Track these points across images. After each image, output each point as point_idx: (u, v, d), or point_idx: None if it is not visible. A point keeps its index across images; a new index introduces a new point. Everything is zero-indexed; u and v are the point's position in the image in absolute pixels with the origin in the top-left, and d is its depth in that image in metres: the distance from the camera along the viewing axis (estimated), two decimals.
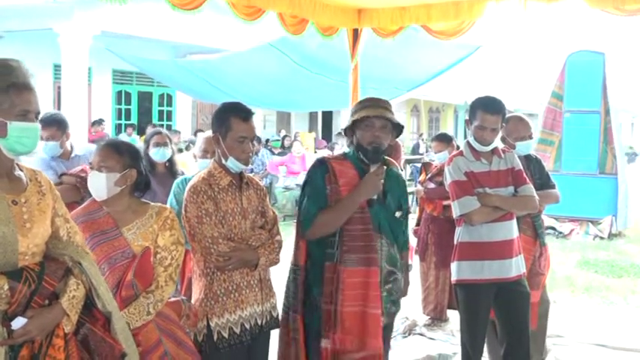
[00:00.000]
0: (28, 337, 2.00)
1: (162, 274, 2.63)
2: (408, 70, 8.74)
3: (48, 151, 4.07)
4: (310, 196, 3.04)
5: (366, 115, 3.01)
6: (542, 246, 4.17)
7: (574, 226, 10.33)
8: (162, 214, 2.70)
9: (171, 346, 2.64)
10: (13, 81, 2.02)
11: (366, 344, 2.95)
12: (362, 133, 3.04)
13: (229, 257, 2.82)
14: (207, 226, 2.80)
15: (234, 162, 2.91)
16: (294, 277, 3.10)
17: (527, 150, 4.23)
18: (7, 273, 1.97)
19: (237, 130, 2.90)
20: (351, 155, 3.13)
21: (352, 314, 2.95)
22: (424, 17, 5.31)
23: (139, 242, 2.60)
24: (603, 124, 10.74)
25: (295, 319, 3.06)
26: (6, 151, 2.03)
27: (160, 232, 2.65)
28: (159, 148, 4.41)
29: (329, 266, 2.99)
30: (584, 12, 4.81)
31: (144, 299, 2.57)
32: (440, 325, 5.55)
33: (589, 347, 5.17)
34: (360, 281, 2.97)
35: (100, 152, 2.72)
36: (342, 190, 3.02)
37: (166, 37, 13.29)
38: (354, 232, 3.01)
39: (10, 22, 11.80)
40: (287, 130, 20.61)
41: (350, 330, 2.94)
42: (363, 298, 2.96)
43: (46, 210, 2.12)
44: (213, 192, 2.87)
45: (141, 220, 2.66)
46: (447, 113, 29.95)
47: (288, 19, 5.06)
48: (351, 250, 2.99)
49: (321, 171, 3.07)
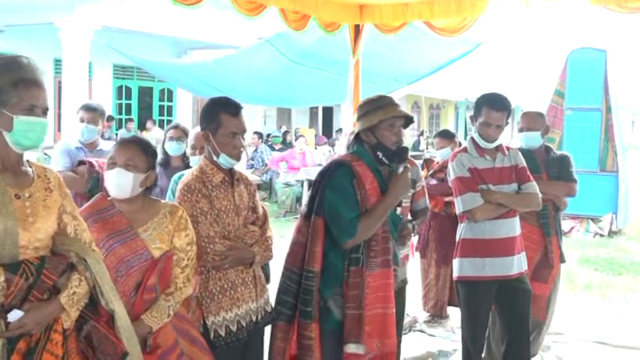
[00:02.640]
0: (23, 330, 2.01)
1: (180, 276, 2.62)
2: (409, 65, 8.72)
3: (86, 133, 4.32)
4: (344, 203, 2.94)
5: (392, 115, 3.02)
6: (546, 237, 4.17)
7: (574, 224, 10.32)
8: (176, 214, 2.66)
9: (186, 344, 2.64)
10: (21, 76, 2.05)
11: (385, 344, 2.96)
12: (384, 133, 3.01)
13: (225, 256, 2.79)
14: (202, 225, 2.77)
15: (226, 158, 2.87)
16: (308, 283, 2.99)
17: (529, 142, 4.23)
18: (5, 265, 1.98)
19: (227, 125, 2.85)
20: (364, 156, 3.07)
21: (375, 317, 2.95)
22: (426, 14, 5.30)
23: (156, 244, 2.56)
24: (604, 121, 10.72)
25: (308, 327, 2.98)
26: (12, 145, 2.07)
27: (176, 233, 2.62)
28: (173, 142, 4.46)
29: (355, 271, 2.95)
30: (585, 9, 4.80)
31: (164, 302, 2.55)
32: (440, 322, 5.56)
33: (589, 345, 5.17)
34: (382, 283, 2.97)
35: (127, 150, 2.64)
36: (370, 195, 2.98)
37: (167, 32, 13.27)
38: (378, 236, 2.99)
39: (11, 16, 11.79)
40: (288, 126, 20.58)
41: (371, 333, 2.93)
42: (383, 300, 2.97)
43: (52, 206, 2.14)
44: (207, 190, 2.83)
45: (155, 220, 2.62)
46: (447, 110, 29.92)
47: (290, 14, 5.05)
48: (376, 254, 2.98)
49: (347, 175, 2.99)
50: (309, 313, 2.99)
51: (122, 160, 2.61)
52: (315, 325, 2.98)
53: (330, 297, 2.99)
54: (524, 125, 4.24)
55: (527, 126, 4.22)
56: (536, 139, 4.24)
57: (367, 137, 3.06)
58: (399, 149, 3.02)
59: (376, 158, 3.04)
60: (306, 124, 22.41)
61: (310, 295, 2.98)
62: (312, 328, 2.98)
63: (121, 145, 2.70)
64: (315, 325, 2.98)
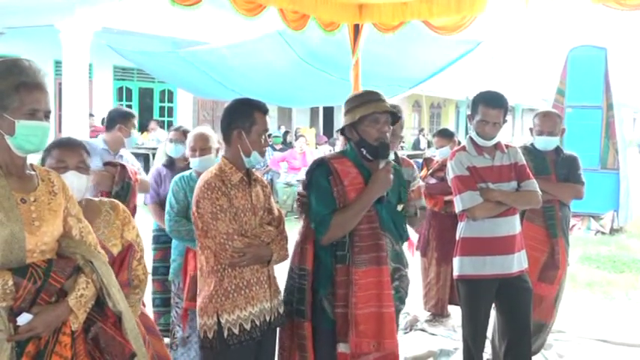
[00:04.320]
0: (33, 333, 2.02)
1: (139, 268, 2.62)
2: (410, 67, 8.70)
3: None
4: (319, 200, 2.97)
5: (374, 111, 2.99)
6: (552, 238, 4.16)
7: (576, 222, 10.31)
8: (119, 209, 2.65)
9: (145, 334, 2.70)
10: (23, 80, 2.05)
11: (383, 345, 2.94)
12: (367, 129, 2.99)
13: (244, 253, 2.80)
14: (222, 222, 2.78)
15: (257, 156, 2.91)
16: (301, 282, 3.01)
17: (546, 145, 4.22)
18: (12, 269, 2.00)
19: (261, 124, 2.90)
20: (349, 153, 3.08)
21: (367, 316, 2.92)
22: (425, 12, 5.30)
23: (111, 242, 2.55)
24: (605, 119, 10.72)
25: (302, 326, 3.00)
26: (14, 149, 2.07)
27: (125, 227, 2.62)
28: (173, 144, 4.59)
29: (341, 269, 2.95)
30: (585, 7, 4.80)
31: (134, 295, 2.58)
32: (441, 321, 5.56)
33: (591, 342, 5.18)
34: (373, 281, 2.94)
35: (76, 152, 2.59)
36: (349, 191, 2.97)
37: (167, 33, 13.28)
38: (363, 232, 2.97)
39: (11, 18, 11.80)
40: (288, 126, 20.58)
41: (366, 332, 2.91)
42: (377, 299, 2.94)
43: (57, 209, 2.15)
44: (226, 188, 2.84)
45: (101, 218, 2.59)
46: (448, 109, 29.91)
47: (289, 14, 5.05)
48: (362, 251, 2.95)
49: (324, 172, 3.00)
50: (302, 312, 3.00)
51: (74, 163, 2.54)
52: (307, 324, 2.99)
53: (324, 296, 3.00)
54: (544, 129, 4.20)
55: (549, 130, 4.20)
56: (555, 143, 4.25)
57: (350, 134, 3.06)
58: (380, 145, 2.99)
59: (360, 154, 3.04)
60: (307, 124, 22.42)
61: (303, 293, 3.00)
62: (305, 327, 2.99)
63: (66, 147, 2.59)
64: (307, 324, 2.99)
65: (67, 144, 2.61)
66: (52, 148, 2.57)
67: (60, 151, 2.56)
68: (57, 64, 13.20)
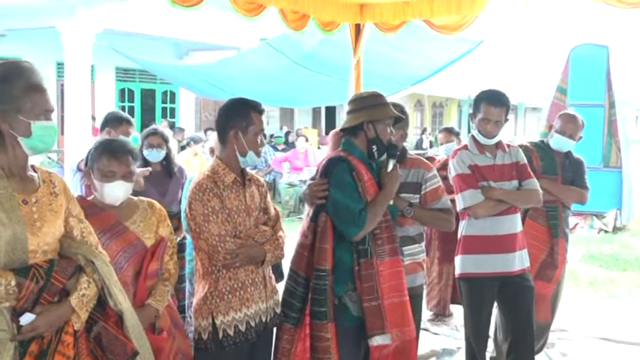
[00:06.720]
0: (36, 333, 2.04)
1: (170, 263, 2.82)
2: (411, 65, 8.72)
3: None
4: (348, 195, 2.96)
5: (391, 115, 3.07)
6: (554, 238, 4.15)
7: (578, 220, 10.29)
8: (155, 207, 2.86)
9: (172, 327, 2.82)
10: (32, 82, 2.10)
11: (404, 332, 2.98)
12: (383, 129, 3.06)
13: (236, 254, 2.79)
14: (213, 224, 2.77)
15: (253, 156, 2.91)
16: (320, 282, 2.95)
17: (563, 147, 4.20)
18: (15, 270, 2.02)
19: (258, 123, 2.91)
20: (356, 151, 3.09)
21: (394, 306, 2.96)
22: (427, 12, 5.30)
23: (145, 235, 2.73)
24: (607, 117, 10.70)
25: (323, 328, 2.94)
26: (27, 149, 2.10)
27: (160, 224, 2.81)
28: (151, 150, 4.32)
29: (366, 262, 2.96)
30: (586, 5, 4.80)
31: (163, 287, 2.74)
32: (444, 320, 5.56)
33: (593, 341, 5.17)
34: (394, 272, 3.00)
35: (124, 161, 2.76)
36: (368, 187, 3.02)
37: (168, 34, 13.28)
38: (382, 224, 3.02)
39: (12, 20, 11.82)
40: (290, 126, 20.58)
41: (394, 322, 2.95)
42: (398, 288, 3.00)
43: (59, 210, 2.17)
44: (218, 189, 2.83)
45: (138, 213, 2.78)
46: (450, 108, 29.89)
47: (289, 14, 5.05)
48: (383, 243, 3.01)
49: (347, 168, 3.01)
50: (323, 314, 2.95)
51: (122, 172, 2.69)
52: (331, 325, 2.95)
53: (344, 294, 2.99)
54: (567, 130, 4.17)
55: (570, 133, 4.18)
56: (570, 147, 4.24)
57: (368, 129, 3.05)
58: (391, 145, 3.07)
59: (369, 152, 3.07)
60: (309, 124, 22.42)
61: (324, 294, 2.95)
62: (327, 329, 2.94)
63: (115, 156, 2.70)
64: (331, 324, 2.95)
65: (116, 153, 2.70)
66: (101, 153, 2.69)
67: (109, 160, 2.68)
68: (59, 66, 13.22)
